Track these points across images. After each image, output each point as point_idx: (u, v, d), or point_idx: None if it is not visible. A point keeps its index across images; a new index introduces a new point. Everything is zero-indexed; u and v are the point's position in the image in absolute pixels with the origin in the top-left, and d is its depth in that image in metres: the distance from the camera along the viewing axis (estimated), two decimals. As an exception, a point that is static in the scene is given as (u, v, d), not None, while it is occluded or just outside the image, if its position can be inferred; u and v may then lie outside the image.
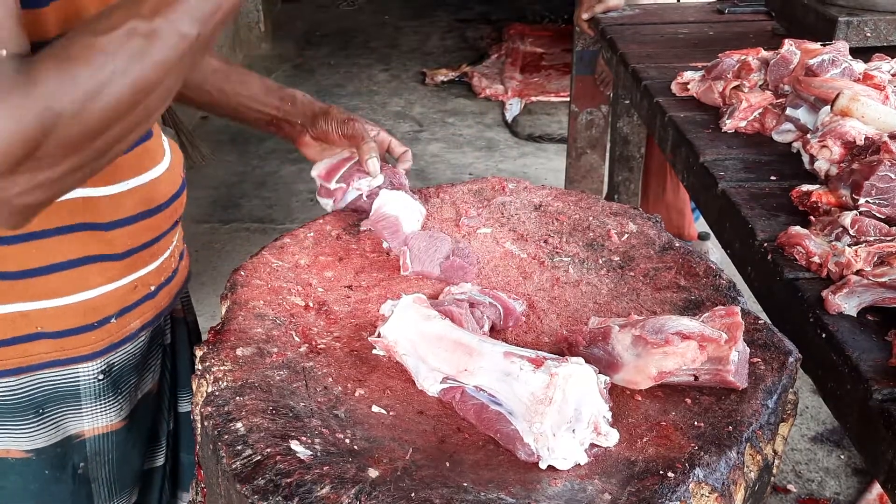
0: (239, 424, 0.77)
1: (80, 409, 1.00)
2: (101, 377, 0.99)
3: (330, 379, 0.87)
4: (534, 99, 4.82)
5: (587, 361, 0.79)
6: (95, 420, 1.01)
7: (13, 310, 0.91)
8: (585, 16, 2.47)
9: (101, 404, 1.01)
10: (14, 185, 0.66)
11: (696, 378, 0.84)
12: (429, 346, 0.85)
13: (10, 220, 0.69)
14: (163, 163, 1.02)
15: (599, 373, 0.79)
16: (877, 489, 2.05)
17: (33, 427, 0.97)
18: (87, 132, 0.67)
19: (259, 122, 1.14)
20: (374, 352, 0.91)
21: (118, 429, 1.04)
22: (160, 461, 1.15)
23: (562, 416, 0.74)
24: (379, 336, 0.88)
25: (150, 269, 1.02)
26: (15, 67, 0.64)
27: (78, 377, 0.98)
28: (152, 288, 1.03)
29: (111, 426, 1.03)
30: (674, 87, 1.73)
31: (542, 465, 0.74)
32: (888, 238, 1.08)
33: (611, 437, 0.76)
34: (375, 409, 0.83)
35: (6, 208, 0.67)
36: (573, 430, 0.75)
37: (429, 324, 0.86)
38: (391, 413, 0.83)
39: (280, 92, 1.15)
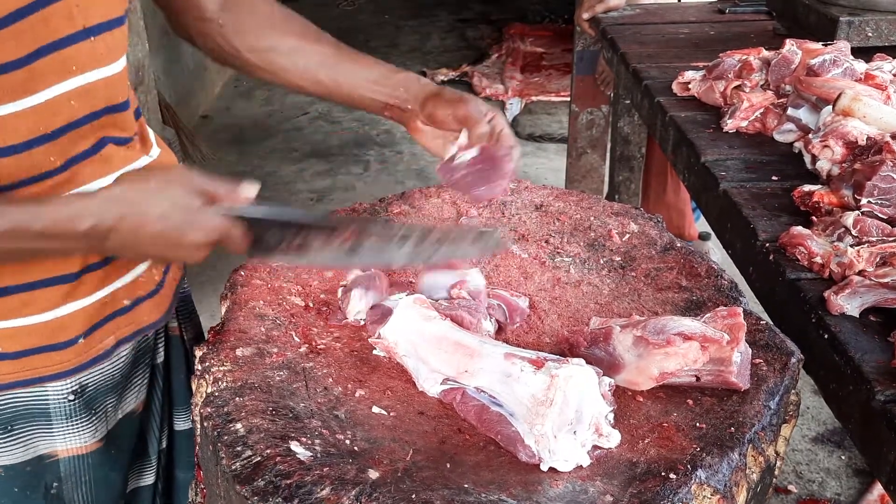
0: (238, 425, 0.76)
1: (52, 428, 0.96)
2: (71, 397, 0.95)
3: (330, 379, 0.86)
4: (534, 99, 4.81)
5: (588, 362, 0.79)
6: (68, 441, 0.97)
7: None
8: (586, 16, 2.46)
9: (73, 425, 0.97)
10: None
11: (698, 379, 0.84)
12: (429, 347, 0.84)
13: None
14: (138, 162, 0.97)
15: (603, 374, 0.78)
16: (878, 490, 2.05)
17: (2, 444, 0.94)
18: None
19: (373, 108, 1.07)
20: (375, 352, 0.91)
21: (94, 450, 0.99)
22: (149, 480, 1.10)
23: (563, 417, 0.74)
24: (379, 337, 0.88)
25: (121, 284, 0.96)
26: None
27: (47, 397, 0.94)
28: (126, 303, 0.97)
29: (86, 447, 0.99)
30: (675, 87, 1.72)
31: (544, 468, 0.74)
32: (890, 238, 1.07)
33: (612, 439, 0.76)
34: (376, 409, 0.83)
35: None
36: (574, 432, 0.74)
37: (429, 324, 0.86)
38: (392, 414, 0.82)
39: (393, 77, 1.05)
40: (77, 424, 0.97)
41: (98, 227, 0.78)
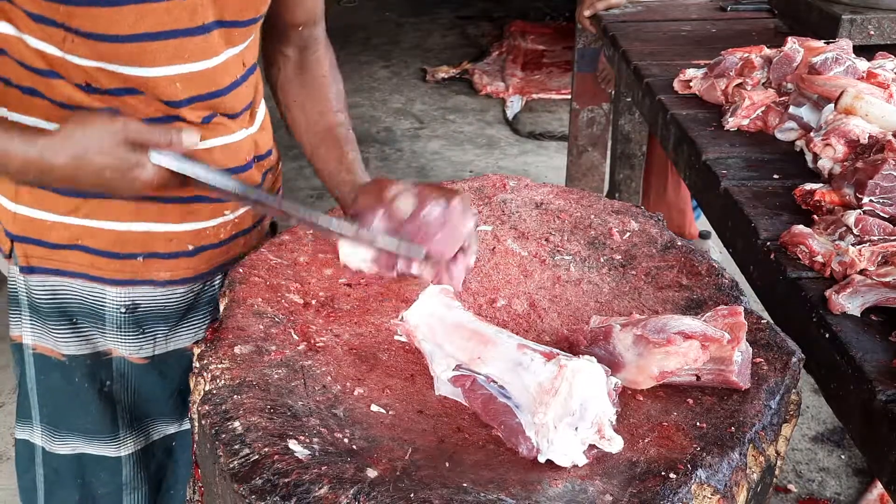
0: (237, 423, 0.76)
1: (105, 331, 1.09)
2: (123, 310, 1.08)
3: (329, 378, 0.86)
4: (535, 96, 4.80)
5: None
6: (119, 346, 1.10)
7: (64, 220, 1.03)
8: (587, 13, 2.45)
9: (123, 334, 1.09)
10: None
11: (699, 378, 0.83)
12: (447, 332, 0.85)
13: None
14: (236, 134, 1.08)
15: (610, 374, 0.78)
16: (878, 489, 2.04)
17: (67, 334, 1.08)
18: None
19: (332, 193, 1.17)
20: (396, 337, 0.92)
21: (139, 364, 1.11)
22: None
23: (565, 409, 0.73)
24: (402, 320, 0.90)
25: (188, 228, 1.07)
26: None
27: (105, 301, 1.07)
28: (189, 247, 1.08)
29: (132, 357, 1.11)
30: (676, 85, 1.72)
31: (541, 459, 0.74)
32: (892, 237, 1.07)
33: (615, 444, 0.75)
34: (374, 408, 0.82)
35: None
36: (576, 428, 0.74)
37: (450, 312, 0.88)
38: (390, 412, 0.82)
39: (338, 178, 1.14)
40: (127, 335, 1.10)
41: (42, 174, 0.88)
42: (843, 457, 2.20)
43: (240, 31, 1.03)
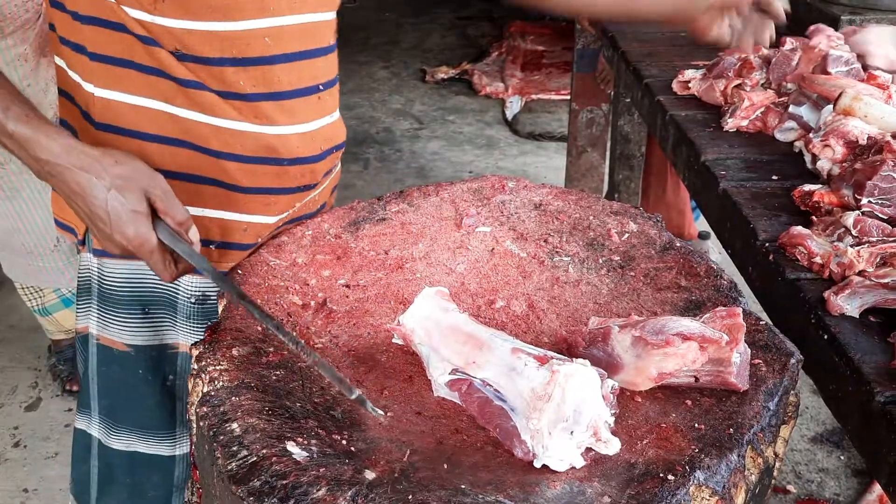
0: (234, 425, 0.76)
1: (176, 321, 1.10)
2: (193, 301, 1.09)
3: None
4: (534, 97, 4.80)
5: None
6: (188, 338, 1.10)
7: None
8: (586, 13, 2.45)
9: (190, 325, 1.10)
10: None
11: (697, 380, 0.83)
12: (443, 336, 0.85)
13: None
14: (305, 124, 1.07)
15: (606, 377, 0.78)
16: (877, 490, 2.04)
17: (138, 323, 1.09)
18: None
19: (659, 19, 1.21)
20: (394, 341, 0.92)
21: None
22: None
23: (559, 414, 0.73)
24: (399, 324, 0.89)
25: (263, 220, 1.09)
26: None
27: (178, 289, 1.08)
28: (259, 240, 1.09)
29: None
30: (675, 86, 1.72)
31: (537, 464, 0.74)
32: (891, 239, 1.07)
33: (611, 446, 0.75)
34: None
35: None
36: (571, 432, 0.74)
37: (446, 315, 0.87)
38: (389, 414, 0.82)
39: None
40: (194, 327, 1.10)
41: (49, 166, 0.88)
42: (842, 457, 2.20)
43: None
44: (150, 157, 1.01)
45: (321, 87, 1.08)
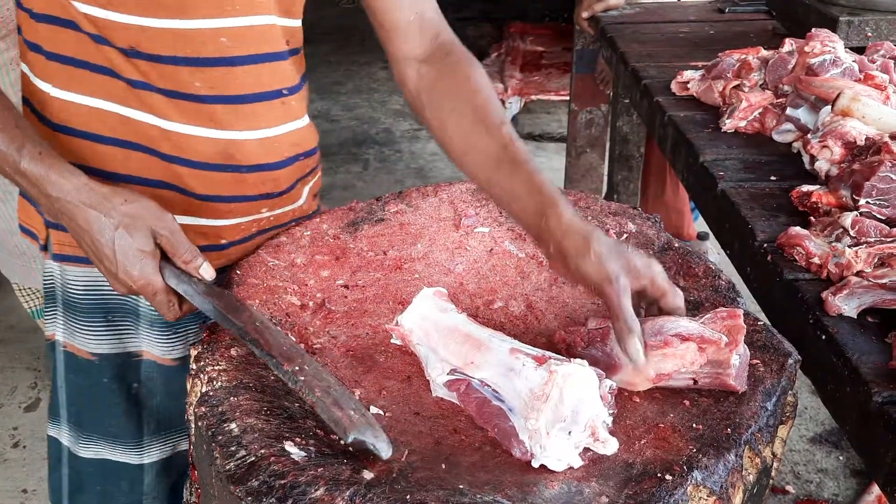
0: (233, 425, 0.76)
1: (139, 329, 1.07)
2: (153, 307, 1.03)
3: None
4: (534, 97, 4.79)
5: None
6: (151, 346, 1.07)
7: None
8: (585, 14, 2.46)
9: (154, 333, 1.07)
10: None
11: (696, 382, 0.83)
12: (441, 337, 0.86)
13: None
14: (266, 129, 1.03)
15: (604, 377, 0.78)
16: (875, 491, 2.04)
17: (101, 331, 1.07)
18: None
19: (520, 223, 0.96)
20: (393, 341, 0.92)
21: (169, 366, 1.08)
22: None
23: (556, 414, 0.74)
24: (397, 324, 0.90)
25: (222, 223, 1.05)
26: None
27: (139, 297, 1.04)
28: (222, 241, 1.07)
29: (162, 359, 1.08)
30: (674, 87, 1.72)
31: (535, 464, 0.74)
32: (888, 239, 1.07)
33: (609, 446, 0.75)
34: (371, 410, 0.82)
35: None
36: (569, 432, 0.74)
37: (444, 316, 0.88)
38: (387, 414, 0.82)
39: (541, 202, 0.89)
40: (158, 334, 1.07)
41: (59, 203, 0.88)
42: (841, 458, 2.21)
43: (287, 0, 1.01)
44: (103, 160, 0.99)
45: (285, 92, 1.04)
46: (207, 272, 0.91)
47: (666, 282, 0.85)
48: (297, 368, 0.81)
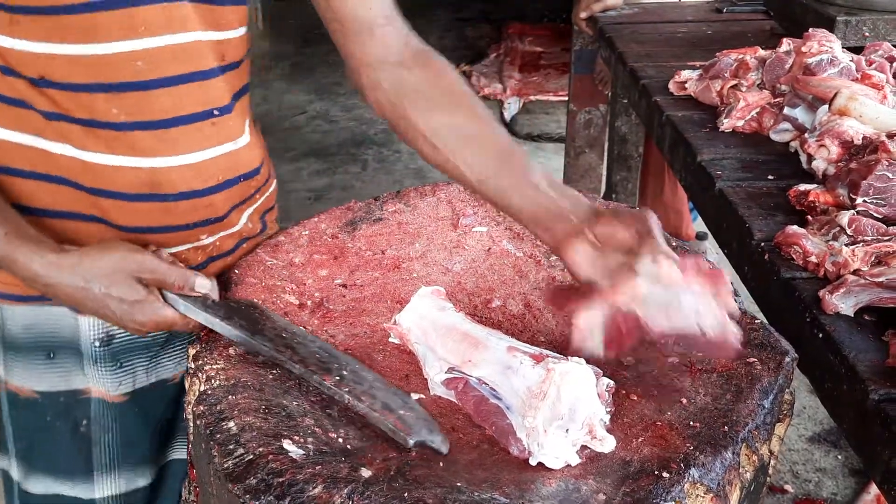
0: (231, 423, 0.76)
1: (83, 367, 1.01)
2: (97, 344, 1.00)
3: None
4: (532, 98, 4.81)
5: (565, 300, 0.78)
6: (98, 383, 1.02)
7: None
8: (584, 15, 2.46)
9: (100, 370, 1.02)
10: None
11: (704, 333, 0.78)
12: (439, 335, 0.86)
13: None
14: (194, 154, 0.97)
15: (602, 375, 0.78)
16: (874, 490, 2.05)
17: (42, 369, 1.01)
18: None
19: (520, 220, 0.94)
20: (390, 340, 0.92)
21: (119, 402, 1.04)
22: (183, 455, 1.11)
23: (554, 412, 0.74)
24: (395, 323, 0.90)
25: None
26: None
27: (79, 333, 1.00)
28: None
29: (111, 397, 1.03)
30: (672, 87, 1.72)
31: (532, 462, 0.74)
32: (885, 238, 1.07)
33: (607, 444, 0.76)
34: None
35: None
36: (566, 430, 0.74)
37: (442, 314, 0.88)
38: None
39: (545, 206, 0.89)
40: (103, 371, 1.02)
41: (36, 284, 0.87)
42: (839, 457, 2.21)
43: (215, 11, 0.93)
44: (29, 197, 0.94)
45: (216, 112, 0.96)
46: (204, 286, 0.89)
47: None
48: (337, 379, 0.80)
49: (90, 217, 0.96)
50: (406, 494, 0.69)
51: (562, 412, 0.74)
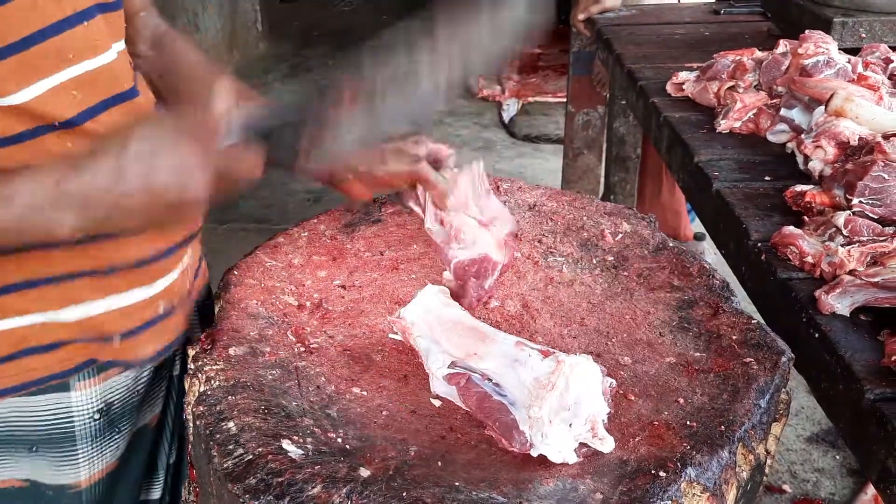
0: (231, 424, 0.77)
1: (77, 454, 0.93)
2: (96, 416, 0.93)
3: (322, 378, 0.87)
4: (531, 99, 4.81)
5: None
6: (92, 467, 0.95)
7: (9, 325, 0.86)
8: (582, 16, 2.47)
9: (97, 446, 0.95)
10: None
11: None
12: (444, 329, 0.86)
13: None
14: None
15: (606, 374, 0.79)
16: (872, 490, 2.05)
17: (28, 461, 0.92)
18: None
19: (312, 178, 0.98)
20: (391, 336, 0.93)
21: (113, 469, 0.98)
22: (157, 494, 1.08)
23: (561, 403, 0.74)
24: (399, 317, 0.90)
25: (163, 285, 0.93)
26: None
27: (73, 416, 0.91)
28: (161, 309, 0.94)
29: (107, 467, 0.97)
30: (669, 88, 1.73)
31: (534, 453, 0.75)
32: (881, 238, 1.08)
33: (606, 444, 0.76)
34: (368, 407, 0.83)
35: None
36: (570, 424, 0.75)
37: (448, 310, 0.89)
38: (384, 412, 0.83)
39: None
40: (101, 444, 0.95)
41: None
42: (837, 457, 2.21)
43: (118, 17, 0.90)
44: None
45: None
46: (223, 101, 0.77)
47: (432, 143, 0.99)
48: None
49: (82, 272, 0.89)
50: (404, 494, 0.69)
51: (568, 403, 0.74)
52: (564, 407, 0.74)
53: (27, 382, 0.88)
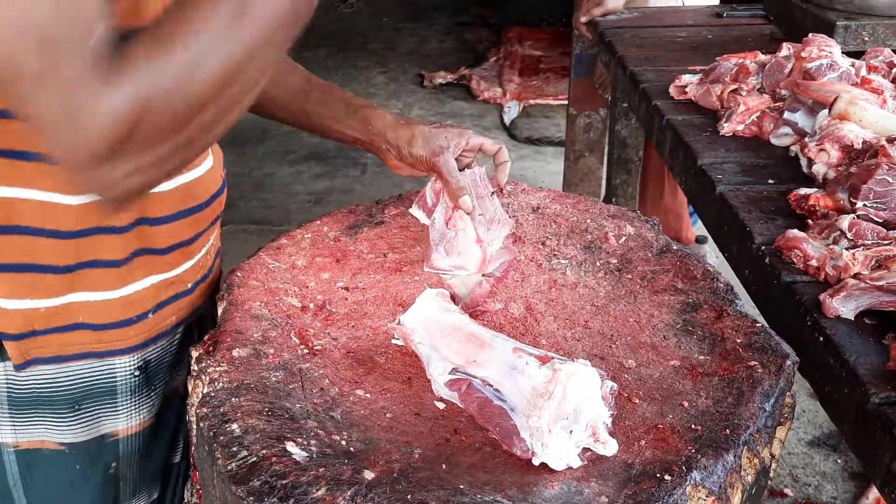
0: (234, 426, 0.77)
1: (117, 406, 0.99)
2: (136, 373, 0.99)
3: (326, 380, 0.86)
4: (532, 102, 4.82)
5: None
6: (130, 419, 1.01)
7: (57, 302, 0.90)
8: (584, 19, 2.47)
9: (136, 401, 1.01)
10: (113, 170, 0.65)
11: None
12: (444, 336, 0.86)
13: (111, 205, 0.70)
14: (206, 162, 1.00)
15: (606, 378, 0.79)
16: (874, 494, 2.05)
17: (68, 421, 0.97)
18: (179, 115, 0.65)
19: (345, 142, 1.12)
20: (393, 341, 0.92)
21: (148, 426, 1.04)
22: (177, 458, 1.13)
23: (559, 412, 0.74)
24: (399, 323, 0.90)
25: (187, 267, 1.00)
26: (108, 48, 0.61)
27: (115, 373, 0.98)
28: (188, 285, 1.02)
29: (143, 423, 1.03)
30: (672, 91, 1.73)
31: (535, 462, 0.74)
32: (885, 241, 1.08)
33: (609, 447, 0.76)
34: (372, 410, 0.83)
35: (108, 193, 0.67)
36: (570, 431, 0.74)
37: (447, 315, 0.88)
38: (388, 415, 0.83)
39: (361, 112, 1.10)
40: (139, 400, 1.01)
41: None
42: (839, 461, 2.21)
43: None
44: None
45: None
46: None
47: (479, 137, 1.13)
48: None
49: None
50: (409, 497, 0.69)
51: (567, 412, 0.74)
52: (563, 416, 0.74)
53: (71, 355, 0.94)
